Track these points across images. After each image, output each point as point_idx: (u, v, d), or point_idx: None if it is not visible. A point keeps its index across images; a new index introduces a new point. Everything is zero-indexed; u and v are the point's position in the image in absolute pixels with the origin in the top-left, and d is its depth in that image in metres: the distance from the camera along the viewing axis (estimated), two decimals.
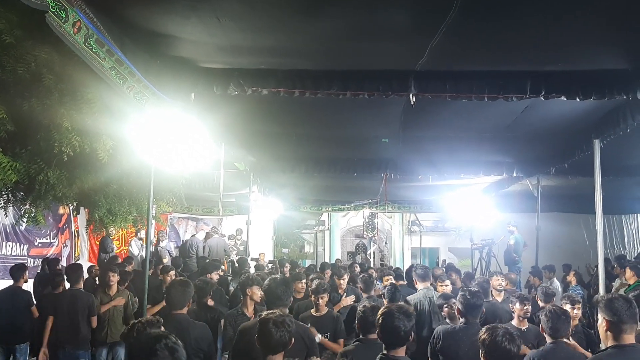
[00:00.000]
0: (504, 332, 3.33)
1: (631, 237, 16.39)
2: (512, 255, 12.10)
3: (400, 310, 3.47)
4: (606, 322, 3.28)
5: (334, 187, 13.24)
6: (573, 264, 12.12)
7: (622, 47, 4.55)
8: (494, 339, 3.30)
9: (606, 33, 4.23)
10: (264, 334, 3.44)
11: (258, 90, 5.02)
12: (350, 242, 22.88)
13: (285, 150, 8.79)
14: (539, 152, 8.49)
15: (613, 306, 3.24)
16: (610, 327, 3.26)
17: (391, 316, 3.42)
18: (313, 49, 4.74)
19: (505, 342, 3.27)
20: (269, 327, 3.41)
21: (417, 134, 7.61)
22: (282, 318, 3.48)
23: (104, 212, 7.38)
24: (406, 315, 3.45)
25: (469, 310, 4.65)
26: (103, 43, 4.15)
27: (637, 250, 15.88)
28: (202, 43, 4.66)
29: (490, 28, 4.16)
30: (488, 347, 3.32)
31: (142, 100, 4.80)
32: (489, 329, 3.41)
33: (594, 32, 4.21)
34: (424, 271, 6.84)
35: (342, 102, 5.46)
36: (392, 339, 3.44)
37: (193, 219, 16.71)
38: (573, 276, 9.65)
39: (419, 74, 4.95)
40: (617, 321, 3.23)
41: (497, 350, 3.28)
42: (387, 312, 3.49)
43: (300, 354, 4.02)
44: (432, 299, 6.35)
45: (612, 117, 6.14)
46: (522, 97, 5.06)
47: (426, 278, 6.72)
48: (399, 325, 3.38)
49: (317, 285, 5.75)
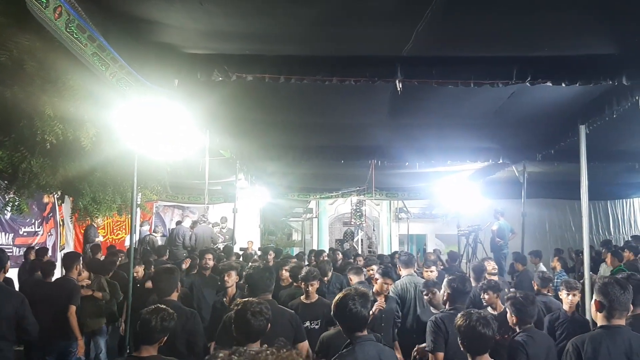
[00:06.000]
0: (479, 317, 3.39)
1: (616, 223, 16.57)
2: (496, 240, 12.20)
3: (357, 293, 3.49)
4: (599, 303, 3.35)
5: (321, 175, 13.23)
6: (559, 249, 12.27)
7: (609, 32, 4.54)
8: (469, 324, 3.37)
9: (593, 18, 4.21)
10: (241, 323, 3.45)
11: (243, 77, 4.96)
12: (338, 230, 22.93)
13: (271, 137, 8.74)
14: (525, 138, 8.51)
15: (607, 290, 3.31)
16: (602, 308, 3.34)
17: (348, 300, 3.42)
18: (299, 35, 4.68)
19: (479, 326, 3.34)
20: (246, 317, 3.42)
21: (404, 120, 7.59)
22: (259, 307, 3.50)
23: (88, 201, 7.29)
24: (364, 298, 3.47)
25: (458, 296, 4.67)
26: (85, 29, 4.07)
27: (622, 236, 16.06)
28: (185, 28, 4.59)
29: (476, 13, 4.13)
30: (464, 332, 3.39)
31: (125, 87, 4.72)
32: (464, 315, 3.48)
33: (581, 17, 4.19)
34: (408, 258, 6.88)
35: (329, 88, 5.42)
36: (351, 324, 3.45)
37: (179, 207, 16.64)
38: (557, 262, 9.75)
39: (406, 60, 4.91)
40: (610, 305, 3.29)
41: (473, 334, 3.34)
42: (344, 297, 3.49)
43: (287, 339, 4.03)
44: (417, 285, 6.38)
45: (598, 103, 6.15)
46: (508, 83, 5.05)
47: (410, 264, 6.75)
48: (356, 310, 3.40)
49: (306, 272, 5.76)
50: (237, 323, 3.49)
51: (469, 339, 3.39)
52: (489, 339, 3.38)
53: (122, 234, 13.52)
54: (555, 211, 15.64)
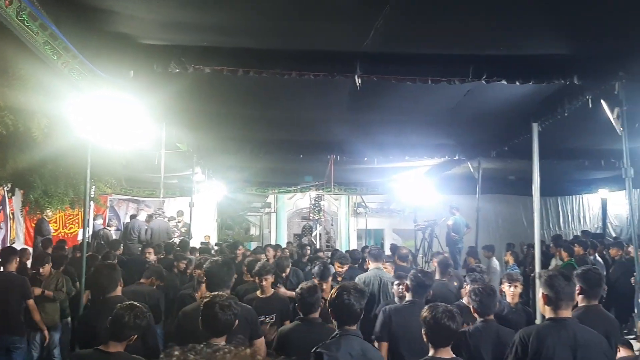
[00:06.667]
0: (444, 310, 3.45)
1: (566, 218, 17.13)
2: (451, 235, 12.43)
3: (355, 289, 3.54)
4: (544, 296, 3.46)
5: (280, 169, 13.19)
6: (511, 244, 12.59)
7: (562, 33, 4.65)
8: (435, 316, 3.42)
9: (546, 18, 4.31)
10: (209, 317, 3.42)
11: (200, 69, 4.88)
12: (297, 224, 22.92)
13: (229, 131, 8.65)
14: (480, 135, 8.68)
15: (553, 283, 3.42)
16: (548, 301, 3.45)
17: (346, 294, 3.48)
18: (257, 27, 4.64)
19: (445, 319, 3.39)
20: (215, 311, 3.39)
21: (363, 116, 7.63)
22: (227, 301, 3.47)
23: (40, 194, 7.10)
24: (360, 293, 3.52)
25: (418, 289, 4.75)
26: (36, 17, 3.94)
27: (572, 231, 16.60)
28: (141, 18, 4.49)
29: (434, 11, 4.18)
30: (429, 324, 3.43)
31: (78, 77, 4.60)
32: (430, 307, 3.53)
33: (535, 17, 4.29)
34: (377, 252, 7.00)
35: (288, 82, 5.39)
36: (345, 317, 3.49)
37: (134, 201, 16.31)
38: (510, 255, 10.00)
39: (365, 56, 4.93)
40: (556, 297, 3.40)
41: (438, 327, 3.39)
42: (341, 289, 3.54)
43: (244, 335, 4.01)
44: (382, 278, 6.45)
45: (551, 101, 6.32)
46: (464, 81, 5.12)
47: (379, 259, 6.84)
48: (353, 303, 3.44)
49: (260, 266, 5.73)
50: (204, 316, 3.45)
51: (432, 331, 3.44)
52: (453, 332, 3.44)
53: (75, 228, 13.18)
54: (508, 206, 16.02)
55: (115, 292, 4.52)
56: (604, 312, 4.37)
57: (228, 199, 16.15)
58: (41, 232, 10.47)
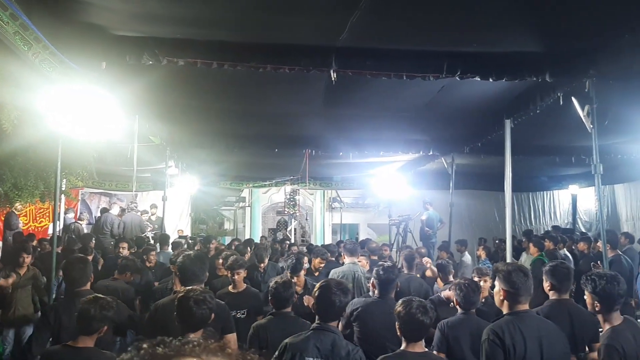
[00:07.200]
0: (418, 305, 3.48)
1: (537, 214, 17.39)
2: (425, 230, 12.53)
3: (339, 286, 3.56)
4: (504, 291, 3.49)
5: (255, 164, 13.13)
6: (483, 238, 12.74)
7: (535, 30, 4.72)
8: (409, 311, 3.45)
9: (519, 16, 4.37)
10: (184, 311, 3.39)
11: (174, 61, 4.82)
12: (271, 219, 22.88)
13: (204, 124, 8.58)
14: (454, 131, 8.76)
15: (511, 278, 3.46)
16: (507, 296, 3.48)
17: (328, 291, 3.49)
18: (233, 20, 4.60)
19: (418, 313, 3.43)
20: (189, 305, 3.36)
21: (338, 111, 7.64)
22: (202, 295, 3.45)
23: (9, 187, 6.97)
24: (343, 291, 3.54)
25: (383, 285, 4.79)
26: (6, 6, 3.86)
27: (543, 226, 16.86)
28: (114, 9, 4.42)
29: (409, 7, 4.20)
30: (402, 319, 3.47)
31: (49, 68, 4.52)
32: (404, 302, 3.56)
33: (508, 15, 4.34)
34: (352, 246, 7.00)
35: (263, 76, 5.36)
36: (327, 312, 3.50)
37: (106, 195, 16.07)
38: (482, 250, 10.13)
39: (340, 50, 4.94)
40: (514, 292, 3.44)
41: (411, 321, 3.43)
42: (325, 286, 3.55)
43: (216, 330, 3.99)
44: (356, 273, 6.47)
45: (523, 98, 6.41)
46: (439, 77, 5.17)
47: (354, 253, 6.85)
48: (334, 300, 3.46)
49: (232, 261, 5.69)
50: (179, 311, 3.42)
51: (406, 325, 3.47)
52: (427, 327, 3.48)
53: (45, 222, 12.95)
54: (480, 202, 16.20)
55: (85, 286, 4.47)
56: (574, 306, 4.42)
57: (202, 193, 16.02)
58: (10, 226, 10.27)
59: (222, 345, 0.92)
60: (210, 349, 0.89)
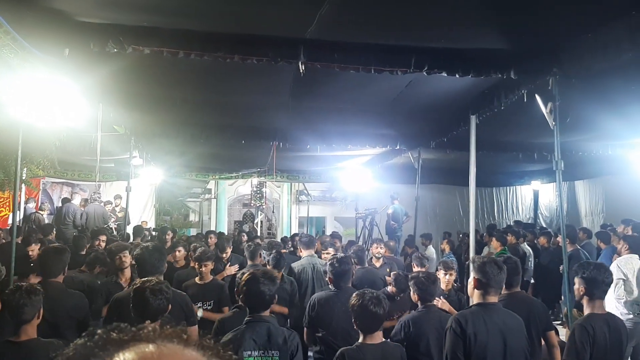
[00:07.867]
0: (371, 297, 3.55)
1: (501, 208, 17.75)
2: (391, 224, 12.64)
3: (265, 276, 3.51)
4: (476, 281, 3.58)
5: (221, 155, 13.03)
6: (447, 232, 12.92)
7: (501, 27, 4.78)
8: (362, 303, 3.52)
9: (486, 13, 4.42)
10: (140, 303, 3.35)
11: (139, 49, 4.71)
12: (238, 211, 22.74)
13: (169, 114, 8.43)
14: (420, 126, 8.83)
15: (485, 269, 3.54)
16: (479, 286, 3.57)
17: (256, 281, 3.45)
18: (200, 9, 4.52)
19: (371, 305, 3.50)
20: (145, 295, 3.32)
21: (306, 104, 7.62)
22: (159, 285, 3.41)
23: None
24: (270, 279, 3.50)
25: (338, 277, 4.83)
26: None
27: (505, 221, 17.20)
28: None
29: (378, 1, 4.21)
30: (356, 311, 3.53)
31: (11, 54, 4.40)
32: (358, 294, 3.64)
33: (476, 12, 4.38)
34: (308, 239, 6.99)
35: (230, 66, 5.30)
36: (257, 304, 3.47)
37: (68, 185, 15.74)
38: (446, 244, 10.27)
39: (309, 42, 4.91)
40: (486, 283, 3.53)
41: (365, 313, 3.48)
42: (252, 277, 3.51)
43: (178, 322, 3.94)
44: (315, 265, 6.49)
45: (488, 95, 6.50)
46: (406, 71, 5.20)
47: (310, 246, 6.86)
48: (263, 290, 3.42)
49: (200, 252, 5.66)
50: (135, 302, 3.37)
51: (360, 317, 3.53)
52: (381, 318, 3.53)
53: (5, 212, 12.62)
54: (445, 196, 16.44)
55: (57, 278, 4.36)
56: (527, 298, 4.67)
57: (167, 184, 15.83)
58: None
59: (178, 332, 0.90)
60: (166, 334, 0.88)
